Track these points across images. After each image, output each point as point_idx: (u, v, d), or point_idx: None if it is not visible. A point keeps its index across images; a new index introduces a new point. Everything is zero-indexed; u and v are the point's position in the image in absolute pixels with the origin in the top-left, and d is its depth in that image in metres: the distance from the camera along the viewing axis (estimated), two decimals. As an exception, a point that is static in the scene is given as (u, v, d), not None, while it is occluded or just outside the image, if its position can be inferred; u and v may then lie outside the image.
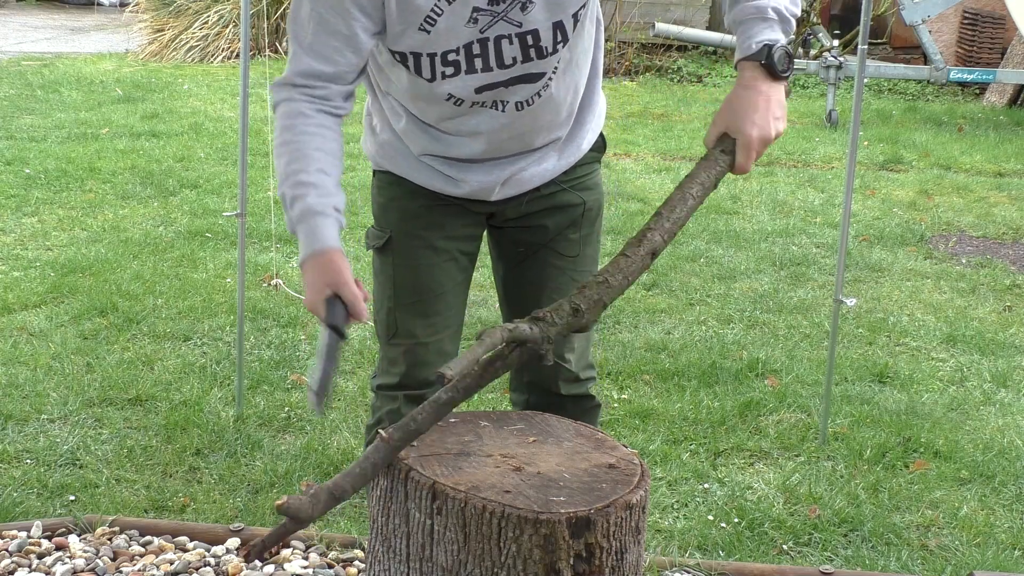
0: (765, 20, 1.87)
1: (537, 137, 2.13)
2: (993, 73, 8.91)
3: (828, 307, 4.39)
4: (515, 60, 1.98)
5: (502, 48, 1.96)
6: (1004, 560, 2.78)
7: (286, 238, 5.21)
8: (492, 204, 2.20)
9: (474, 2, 1.90)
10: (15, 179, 6.07)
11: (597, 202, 2.29)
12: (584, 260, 2.29)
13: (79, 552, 2.52)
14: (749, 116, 1.82)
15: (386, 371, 2.29)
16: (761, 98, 1.83)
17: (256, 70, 8.28)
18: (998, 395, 3.79)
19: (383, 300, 2.26)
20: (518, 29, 1.94)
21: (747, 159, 1.83)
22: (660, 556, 2.65)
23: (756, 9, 1.87)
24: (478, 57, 1.96)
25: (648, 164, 7.11)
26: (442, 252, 2.21)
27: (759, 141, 1.83)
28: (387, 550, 1.67)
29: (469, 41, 1.94)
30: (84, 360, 3.79)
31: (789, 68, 1.85)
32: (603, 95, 2.29)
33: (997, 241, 5.70)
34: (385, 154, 2.20)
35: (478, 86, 2.00)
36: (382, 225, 2.24)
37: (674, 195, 1.78)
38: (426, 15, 1.90)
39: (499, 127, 2.07)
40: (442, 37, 1.93)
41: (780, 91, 1.86)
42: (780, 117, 1.85)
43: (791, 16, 1.89)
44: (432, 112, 2.08)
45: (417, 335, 2.23)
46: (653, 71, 10.64)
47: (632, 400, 3.61)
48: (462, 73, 1.98)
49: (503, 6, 1.91)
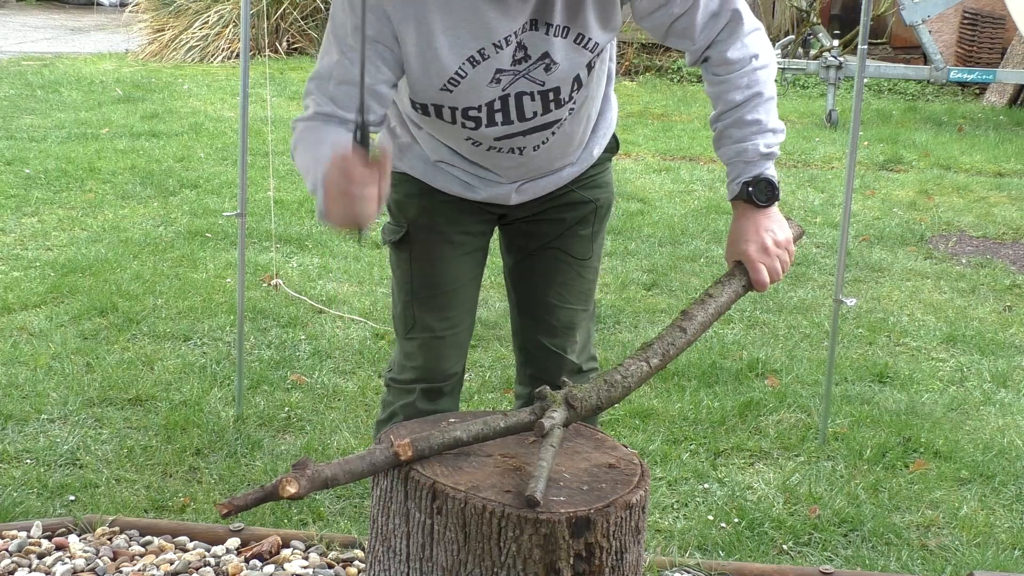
0: (746, 163, 2.02)
1: (552, 165, 2.19)
2: (993, 73, 8.91)
3: (828, 307, 4.39)
4: (535, 113, 2.03)
5: (523, 104, 2.00)
6: (1004, 560, 2.78)
7: (286, 238, 5.22)
8: (507, 206, 2.24)
9: (497, 64, 1.93)
10: (15, 179, 6.07)
11: (608, 200, 2.34)
12: (592, 256, 2.34)
13: (79, 552, 2.52)
14: (744, 239, 2.00)
15: (402, 365, 2.31)
16: (751, 224, 2.01)
17: (256, 70, 8.29)
18: (998, 395, 3.79)
19: (400, 294, 2.29)
20: (540, 88, 1.99)
21: (758, 273, 1.97)
22: (660, 556, 2.65)
23: (737, 153, 2.02)
24: (499, 112, 2.00)
25: (648, 164, 7.11)
26: (458, 246, 2.25)
27: (758, 253, 1.98)
28: (387, 550, 1.67)
29: (491, 100, 1.98)
30: (84, 360, 3.79)
31: (772, 196, 2.02)
32: (615, 98, 2.33)
33: (997, 241, 5.70)
34: (403, 156, 2.23)
35: (497, 135, 2.05)
36: (399, 220, 2.27)
37: (694, 304, 1.93)
38: (449, 77, 1.93)
39: (516, 165, 2.13)
40: (464, 96, 1.97)
41: (769, 213, 2.02)
42: (774, 229, 2.00)
43: (772, 149, 2.02)
44: (452, 142, 2.13)
45: (434, 329, 2.25)
46: (653, 71, 10.65)
47: (632, 400, 3.61)
48: (482, 127, 2.02)
49: (526, 65, 1.95)
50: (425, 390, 2.27)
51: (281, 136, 6.89)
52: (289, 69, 9.86)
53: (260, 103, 7.67)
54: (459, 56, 1.91)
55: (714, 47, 2.01)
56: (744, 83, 2.00)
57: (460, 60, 1.91)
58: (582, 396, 1.74)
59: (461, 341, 2.31)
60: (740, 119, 2.01)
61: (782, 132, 2.04)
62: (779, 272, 2.00)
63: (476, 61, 1.92)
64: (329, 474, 1.59)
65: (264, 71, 8.36)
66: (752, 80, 2.00)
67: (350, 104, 1.89)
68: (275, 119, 7.29)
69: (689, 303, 1.94)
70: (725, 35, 2.00)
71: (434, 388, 2.28)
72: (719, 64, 2.01)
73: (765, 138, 2.01)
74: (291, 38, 10.67)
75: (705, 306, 1.92)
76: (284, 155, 6.68)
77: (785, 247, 2.01)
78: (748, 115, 2.00)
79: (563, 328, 2.33)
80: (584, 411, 1.74)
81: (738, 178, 2.02)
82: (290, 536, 2.62)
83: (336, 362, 3.88)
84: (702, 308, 1.91)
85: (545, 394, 1.73)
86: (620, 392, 1.78)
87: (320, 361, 3.87)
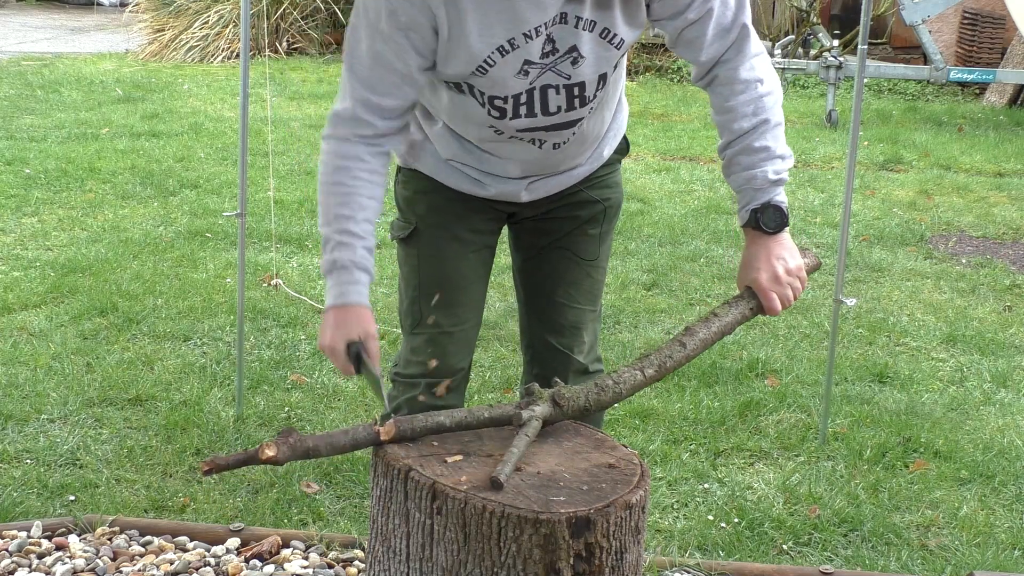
0: (755, 190, 2.03)
1: (566, 164, 2.21)
2: (993, 73, 8.91)
3: (828, 307, 4.39)
4: (560, 108, 2.05)
5: (548, 97, 2.02)
6: (1004, 560, 2.78)
7: (286, 238, 5.22)
8: (516, 204, 2.25)
9: (526, 55, 1.95)
10: (15, 179, 6.07)
11: (617, 200, 2.36)
12: (600, 256, 2.35)
13: (79, 552, 2.52)
14: (755, 267, 2.01)
15: (408, 360, 2.32)
16: (762, 251, 2.02)
17: (256, 70, 8.29)
18: (998, 395, 3.79)
19: (407, 290, 2.31)
20: (566, 81, 2.01)
21: (768, 300, 2.00)
22: (660, 556, 2.65)
23: (746, 180, 2.04)
24: (524, 105, 2.02)
25: (648, 164, 7.11)
26: (467, 243, 2.26)
27: (769, 281, 2.00)
28: (387, 550, 1.67)
29: (518, 92, 2.00)
30: (84, 360, 3.79)
31: (782, 223, 2.03)
32: (626, 100, 2.35)
33: (997, 241, 5.70)
34: (414, 153, 2.25)
35: (521, 127, 2.07)
36: (407, 216, 2.29)
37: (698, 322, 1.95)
38: (479, 64, 1.95)
39: (533, 159, 2.15)
40: (492, 84, 1.99)
41: (779, 240, 2.03)
42: (785, 257, 2.02)
43: (781, 176, 2.04)
44: (471, 132, 2.13)
45: (441, 324, 2.27)
46: (653, 71, 10.64)
47: (632, 400, 3.60)
48: (507, 119, 2.04)
49: (553, 58, 1.97)
50: (430, 385, 2.29)
51: (281, 136, 6.90)
52: (289, 69, 9.86)
53: (260, 103, 7.67)
54: (489, 44, 1.92)
55: (722, 65, 2.04)
56: (751, 110, 2.03)
57: (490, 48, 1.93)
58: (570, 396, 1.76)
59: (468, 337, 2.32)
60: (748, 146, 2.03)
61: (790, 158, 2.07)
62: (790, 300, 2.02)
63: (506, 50, 1.93)
64: (311, 444, 1.66)
65: (264, 71, 8.36)
66: (759, 107, 2.03)
67: (384, 88, 1.95)
68: (275, 119, 7.29)
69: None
70: (732, 53, 2.03)
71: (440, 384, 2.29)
72: (727, 83, 2.04)
73: (773, 164, 2.03)
74: (291, 38, 10.67)
75: (709, 324, 1.94)
76: (284, 155, 6.69)
77: (796, 274, 2.03)
78: (756, 142, 2.03)
79: (570, 327, 2.34)
80: (570, 411, 1.77)
81: (747, 205, 2.05)
82: (290, 536, 2.62)
83: (336, 362, 3.88)
84: (705, 326, 1.93)
85: (533, 390, 1.78)
86: (610, 397, 1.80)
87: (320, 361, 3.86)
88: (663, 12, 2.01)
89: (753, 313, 2.02)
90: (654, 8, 2.01)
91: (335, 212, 1.96)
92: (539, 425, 1.72)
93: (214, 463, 1.62)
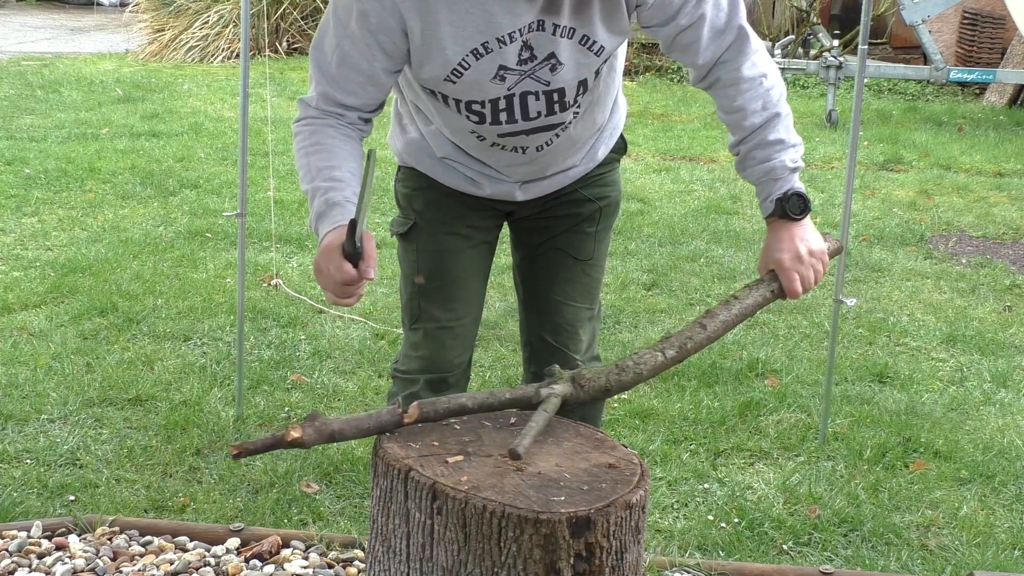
0: (776, 180, 2.06)
1: (556, 166, 2.21)
2: (993, 73, 8.91)
3: (828, 307, 4.39)
4: (539, 114, 2.05)
5: (527, 103, 2.03)
6: (1004, 560, 2.78)
7: (286, 238, 5.22)
8: (513, 203, 2.26)
9: (501, 60, 1.95)
10: (15, 179, 6.07)
11: (614, 200, 2.37)
12: (597, 255, 2.36)
13: (79, 552, 2.52)
14: (778, 248, 2.03)
15: (408, 356, 2.33)
16: (786, 234, 2.04)
17: (256, 70, 8.29)
18: (998, 395, 3.79)
19: (407, 285, 2.33)
20: (545, 87, 2.02)
21: (790, 279, 2.00)
22: (660, 556, 2.65)
23: (765, 172, 2.06)
24: (503, 111, 2.03)
25: (648, 164, 7.11)
26: (465, 239, 2.28)
27: (792, 261, 2.01)
28: (387, 550, 1.67)
29: (496, 97, 2.00)
30: (84, 360, 3.79)
31: (805, 207, 2.05)
32: (623, 100, 2.35)
33: (997, 241, 5.70)
34: (411, 151, 2.26)
35: (501, 133, 2.07)
36: (406, 213, 2.31)
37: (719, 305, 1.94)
38: (453, 68, 1.95)
39: (519, 163, 2.16)
40: (467, 89, 1.99)
41: (803, 225, 2.05)
42: (808, 239, 2.03)
43: (797, 163, 2.07)
44: (457, 138, 2.15)
45: (440, 319, 2.28)
46: (653, 71, 10.64)
47: (632, 400, 3.61)
48: (486, 124, 2.05)
49: (531, 65, 1.97)
50: (430, 380, 2.30)
51: (281, 136, 6.90)
52: (289, 69, 9.86)
53: (260, 103, 7.68)
54: (463, 48, 1.93)
55: (722, 66, 2.04)
56: (759, 106, 2.04)
57: (464, 52, 1.93)
58: (591, 376, 1.76)
59: (467, 333, 2.33)
60: (763, 140, 2.05)
61: (802, 146, 2.10)
62: (811, 281, 2.03)
63: (479, 54, 1.94)
64: (336, 427, 1.65)
65: (264, 71, 8.36)
66: (767, 102, 2.04)
67: (350, 87, 1.97)
68: (275, 119, 7.29)
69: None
70: (732, 54, 2.04)
71: (439, 379, 2.30)
72: (732, 84, 2.04)
73: (789, 153, 2.06)
74: (291, 38, 10.67)
75: (729, 307, 1.93)
76: (284, 155, 6.69)
77: (819, 257, 2.04)
78: (770, 136, 2.05)
79: (567, 325, 2.35)
80: (591, 391, 1.76)
81: (770, 196, 2.06)
82: (290, 536, 2.62)
83: (336, 362, 3.88)
84: (726, 308, 1.92)
85: (553, 371, 1.77)
86: (631, 378, 1.78)
87: (320, 361, 3.87)
88: (653, 19, 2.01)
89: (774, 296, 2.01)
90: (643, 15, 2.00)
91: (318, 166, 1.95)
92: (558, 403, 1.72)
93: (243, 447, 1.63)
